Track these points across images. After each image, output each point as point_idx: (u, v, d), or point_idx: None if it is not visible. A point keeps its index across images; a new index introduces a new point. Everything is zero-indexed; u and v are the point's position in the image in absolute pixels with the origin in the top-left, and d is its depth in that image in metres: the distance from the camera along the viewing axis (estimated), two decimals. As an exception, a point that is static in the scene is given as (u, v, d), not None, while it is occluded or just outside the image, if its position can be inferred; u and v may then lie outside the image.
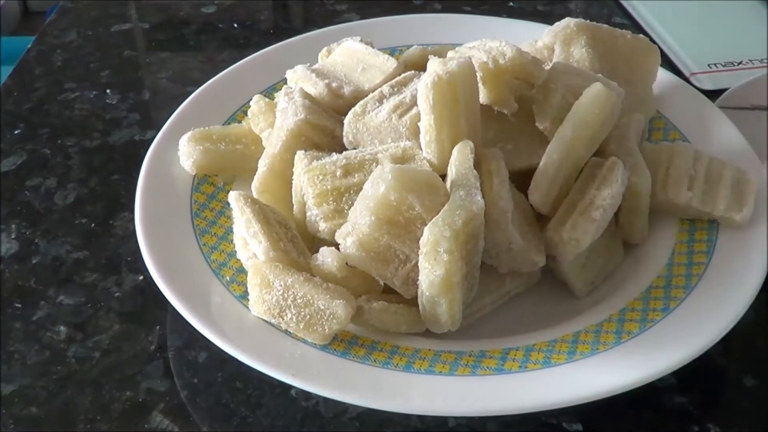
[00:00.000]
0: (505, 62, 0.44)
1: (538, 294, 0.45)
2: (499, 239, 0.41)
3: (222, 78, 0.53)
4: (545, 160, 0.42)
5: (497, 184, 0.41)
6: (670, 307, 0.42)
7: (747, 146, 0.49)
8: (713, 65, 0.62)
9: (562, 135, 0.43)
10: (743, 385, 0.44)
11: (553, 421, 0.42)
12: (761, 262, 0.43)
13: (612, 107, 0.44)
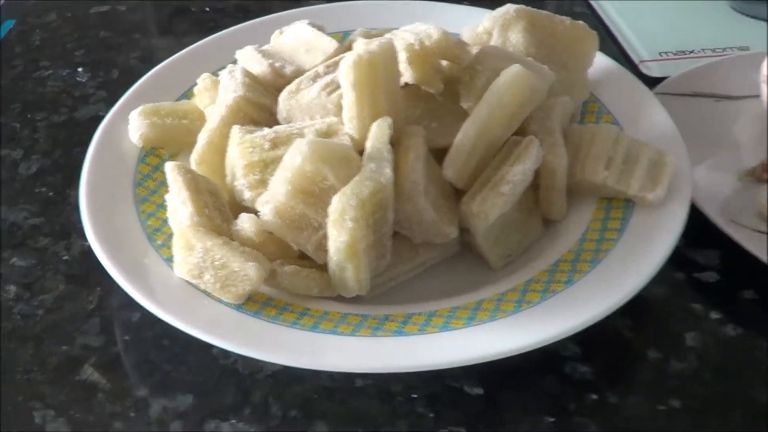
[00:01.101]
0: (431, 44, 0.48)
1: (458, 265, 0.50)
2: (410, 211, 0.46)
3: (178, 58, 0.59)
4: (460, 137, 0.47)
5: (412, 159, 0.46)
6: (574, 280, 0.46)
7: (675, 130, 0.53)
8: (664, 53, 0.66)
9: (477, 114, 0.47)
10: (647, 358, 0.48)
11: (456, 385, 0.46)
12: (668, 241, 0.47)
13: (531, 88, 0.48)
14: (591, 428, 0.45)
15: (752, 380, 0.47)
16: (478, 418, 0.45)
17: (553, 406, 0.46)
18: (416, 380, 0.47)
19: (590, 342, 0.48)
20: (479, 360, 0.42)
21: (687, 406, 0.46)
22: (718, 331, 0.49)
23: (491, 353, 0.42)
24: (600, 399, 0.46)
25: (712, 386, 0.47)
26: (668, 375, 0.47)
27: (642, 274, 0.46)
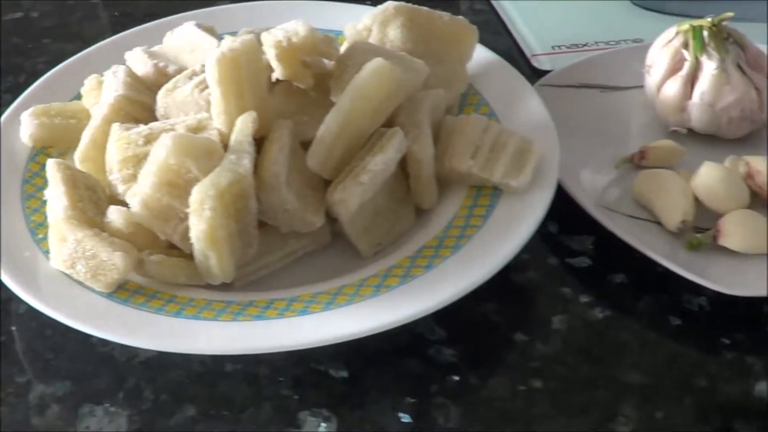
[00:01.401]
0: (297, 41, 0.51)
1: (334, 254, 0.52)
2: (274, 201, 0.48)
3: (74, 60, 0.62)
4: (322, 129, 0.49)
5: (274, 151, 0.49)
6: (434, 265, 0.49)
7: (548, 120, 0.55)
8: (557, 47, 0.68)
9: (339, 106, 0.50)
10: (512, 341, 0.50)
11: (322, 368, 0.49)
12: (528, 226, 0.49)
13: (396, 81, 0.50)
14: (450, 409, 0.47)
15: (616, 361, 0.49)
16: (341, 399, 0.47)
17: (415, 387, 0.48)
18: (283, 364, 0.49)
19: (457, 326, 0.51)
20: (328, 341, 0.45)
21: (548, 387, 0.48)
22: (586, 314, 0.52)
23: (342, 334, 0.45)
24: (461, 380, 0.48)
25: (575, 367, 0.49)
26: (532, 357, 0.49)
27: (498, 258, 0.48)
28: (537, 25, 0.71)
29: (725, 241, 0.52)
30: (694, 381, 0.48)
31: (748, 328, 0.51)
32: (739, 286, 0.51)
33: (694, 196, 0.54)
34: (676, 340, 0.51)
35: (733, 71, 0.57)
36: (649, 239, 0.53)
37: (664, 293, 0.53)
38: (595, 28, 0.70)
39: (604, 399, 0.47)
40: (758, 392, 0.48)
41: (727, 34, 0.58)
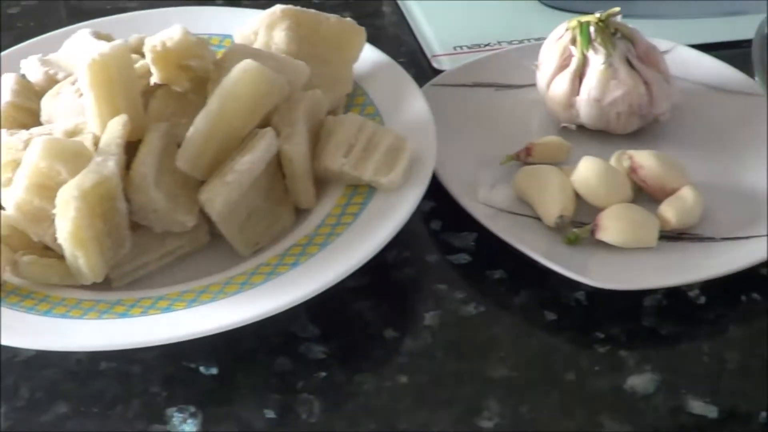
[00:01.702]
0: (172, 45, 0.52)
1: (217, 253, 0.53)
2: (143, 201, 0.50)
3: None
4: (191, 130, 0.51)
5: (143, 153, 0.50)
6: (300, 262, 0.50)
7: (429, 119, 0.56)
8: (459, 47, 0.69)
9: (208, 107, 0.51)
10: (382, 337, 0.51)
11: (192, 366, 0.50)
12: (393, 223, 0.50)
13: (268, 82, 0.52)
14: (314, 404, 0.48)
15: (485, 356, 0.50)
16: (209, 396, 0.49)
17: (282, 384, 0.49)
18: (156, 362, 0.50)
19: (330, 323, 0.52)
20: (181, 338, 0.46)
21: (413, 382, 0.49)
22: (459, 309, 0.52)
23: (195, 332, 0.46)
24: (328, 377, 0.49)
25: (443, 362, 0.50)
26: (400, 353, 0.50)
27: (360, 255, 0.49)
28: (440, 26, 0.72)
29: (602, 235, 0.53)
30: (564, 375, 0.49)
31: (624, 321, 0.52)
32: (615, 280, 0.52)
33: (575, 191, 0.55)
34: (549, 335, 0.51)
35: (620, 66, 0.58)
36: (528, 235, 0.54)
37: (542, 288, 0.53)
38: (500, 28, 0.71)
39: (469, 393, 0.48)
40: (629, 386, 0.49)
41: (615, 29, 0.59)
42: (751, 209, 0.56)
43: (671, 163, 0.56)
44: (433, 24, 0.72)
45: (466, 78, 0.63)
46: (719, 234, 0.55)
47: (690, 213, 0.54)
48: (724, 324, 0.52)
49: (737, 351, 0.51)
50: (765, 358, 0.50)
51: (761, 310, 0.53)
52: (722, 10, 0.73)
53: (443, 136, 0.58)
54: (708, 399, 0.48)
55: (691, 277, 0.52)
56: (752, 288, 0.54)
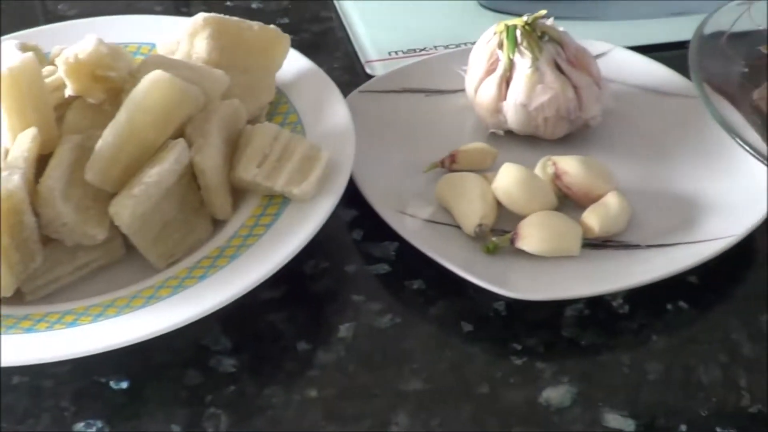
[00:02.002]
0: (84, 56, 0.52)
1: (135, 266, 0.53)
2: (51, 214, 0.50)
3: None
4: (100, 142, 0.50)
5: (52, 166, 0.50)
6: (208, 275, 0.49)
7: (350, 127, 0.55)
8: (393, 53, 0.68)
9: (116, 119, 0.51)
10: (295, 350, 0.50)
11: (103, 380, 0.49)
12: (303, 234, 0.50)
13: (178, 93, 0.51)
14: (222, 418, 0.47)
15: (397, 368, 0.49)
16: (118, 411, 0.48)
17: (191, 398, 0.48)
18: (67, 376, 0.50)
19: (243, 336, 0.51)
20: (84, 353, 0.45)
21: (322, 396, 0.48)
22: (375, 321, 0.52)
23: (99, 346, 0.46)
24: (237, 390, 0.49)
25: (354, 375, 0.49)
26: (311, 366, 0.50)
27: (267, 267, 0.48)
28: (377, 31, 0.71)
29: (522, 244, 0.52)
30: (477, 388, 0.48)
31: (543, 332, 0.51)
32: (534, 290, 0.51)
33: (496, 199, 0.54)
34: (465, 346, 0.51)
35: (547, 70, 0.57)
36: (448, 245, 0.53)
37: (461, 298, 0.52)
38: (438, 32, 0.70)
39: (379, 407, 0.48)
40: (544, 399, 0.48)
41: (543, 32, 0.58)
42: (680, 215, 0.55)
43: (597, 168, 0.55)
44: (371, 29, 0.71)
45: (395, 84, 0.62)
46: (645, 241, 0.54)
47: (614, 220, 0.53)
48: (646, 334, 0.51)
49: (659, 362, 0.50)
50: (688, 369, 0.49)
51: (687, 319, 0.52)
52: (667, 11, 0.72)
53: (369, 143, 0.58)
54: (625, 412, 0.47)
55: (614, 285, 0.51)
56: (678, 296, 0.53)
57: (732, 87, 0.60)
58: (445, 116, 0.62)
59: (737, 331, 0.51)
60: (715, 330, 0.51)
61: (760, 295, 0.53)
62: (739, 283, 0.54)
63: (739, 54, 0.62)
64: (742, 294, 0.53)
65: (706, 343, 0.51)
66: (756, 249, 0.56)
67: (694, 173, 0.57)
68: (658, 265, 0.52)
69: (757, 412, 0.48)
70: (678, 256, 0.52)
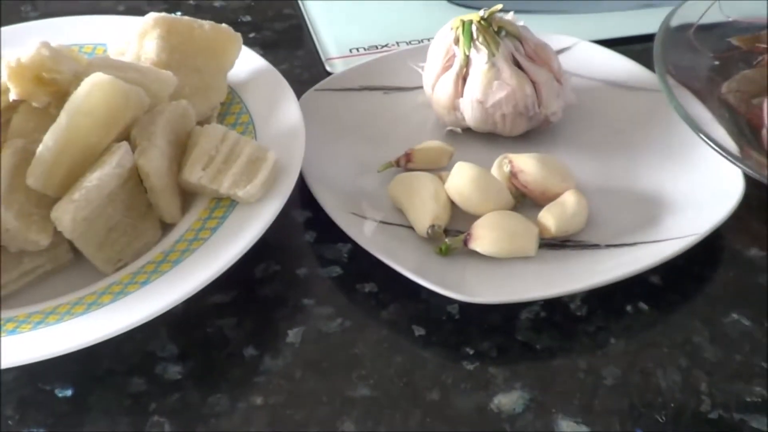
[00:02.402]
0: (26, 60, 0.51)
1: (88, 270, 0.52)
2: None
3: None
4: (41, 147, 0.49)
5: (-8, 172, 0.49)
6: (151, 280, 0.48)
7: (301, 127, 0.54)
8: (355, 50, 0.66)
9: (57, 123, 0.50)
10: (241, 356, 0.49)
11: (48, 388, 0.49)
12: (247, 237, 0.49)
13: (121, 95, 0.50)
14: (165, 427, 0.46)
15: (345, 374, 0.48)
16: (60, 419, 0.47)
17: (134, 406, 0.47)
18: (12, 384, 0.49)
19: (190, 342, 0.50)
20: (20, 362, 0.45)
21: (268, 403, 0.47)
22: (324, 325, 0.51)
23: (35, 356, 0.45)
24: (181, 398, 0.48)
25: (301, 381, 0.48)
26: (258, 372, 0.49)
27: (209, 272, 0.47)
28: (339, 28, 0.70)
29: (476, 245, 0.51)
30: (427, 394, 0.47)
31: (497, 336, 0.50)
32: (487, 293, 0.50)
33: (449, 199, 0.53)
34: (416, 351, 0.49)
35: (504, 66, 0.56)
36: (400, 247, 0.52)
37: (414, 301, 0.51)
38: (402, 28, 0.69)
39: (325, 414, 0.46)
40: (495, 405, 0.47)
41: (499, 27, 0.56)
42: (642, 213, 0.54)
43: (555, 166, 0.54)
44: (333, 26, 0.70)
45: (353, 82, 0.61)
46: (605, 241, 0.52)
47: (572, 219, 0.52)
48: (604, 337, 0.50)
49: (616, 366, 0.48)
50: (646, 373, 0.48)
51: (647, 321, 0.51)
52: (636, 3, 0.70)
53: (324, 143, 0.57)
54: (579, 418, 0.46)
55: (571, 287, 0.49)
56: (639, 297, 0.51)
57: (700, 81, 0.59)
58: (404, 114, 0.60)
59: (699, 334, 0.50)
60: (676, 332, 0.50)
61: (724, 296, 0.52)
62: (703, 283, 0.53)
63: (708, 47, 0.61)
64: (705, 295, 0.52)
65: (666, 347, 0.49)
66: (721, 248, 0.54)
67: (658, 170, 0.56)
68: (617, 266, 0.50)
69: (718, 417, 0.46)
70: (638, 256, 0.51)
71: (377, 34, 0.69)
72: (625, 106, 0.60)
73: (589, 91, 0.61)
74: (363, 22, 0.71)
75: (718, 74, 0.60)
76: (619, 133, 0.59)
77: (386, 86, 0.61)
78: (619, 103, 0.60)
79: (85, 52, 0.63)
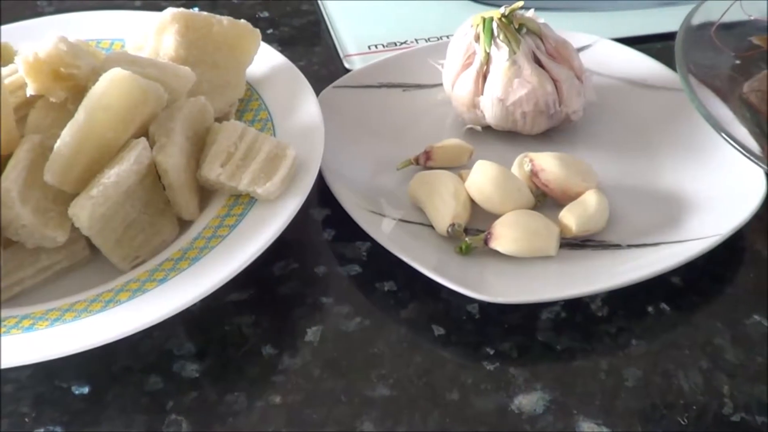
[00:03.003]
0: (43, 55, 0.51)
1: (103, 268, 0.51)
2: (9, 216, 0.49)
3: None
4: (59, 142, 0.49)
5: (9, 167, 0.49)
6: (169, 278, 0.48)
7: (320, 124, 0.54)
8: (373, 47, 0.66)
9: (75, 119, 0.49)
10: (260, 354, 0.49)
11: (64, 385, 0.48)
12: (266, 236, 0.48)
13: (139, 90, 0.50)
14: (182, 425, 0.46)
15: (364, 374, 0.48)
16: (77, 416, 0.47)
17: (152, 404, 0.47)
18: (28, 381, 0.49)
19: (208, 340, 0.50)
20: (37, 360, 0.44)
21: (286, 402, 0.47)
22: (343, 324, 0.50)
23: (53, 353, 0.44)
24: (199, 396, 0.47)
25: (319, 381, 0.48)
26: (276, 371, 0.48)
27: (227, 270, 0.47)
28: (357, 25, 0.69)
29: (496, 244, 0.50)
30: (446, 394, 0.47)
31: (518, 336, 0.49)
32: (507, 293, 0.49)
33: (470, 197, 0.52)
34: (436, 351, 0.49)
35: (525, 63, 0.55)
36: (420, 245, 0.51)
37: (434, 300, 0.51)
38: (421, 25, 0.68)
39: (344, 414, 0.46)
40: (516, 406, 0.46)
41: (520, 25, 0.56)
42: (664, 213, 0.53)
43: (576, 165, 0.53)
44: (351, 22, 0.70)
45: (371, 79, 0.60)
46: (626, 241, 0.52)
47: (592, 219, 0.51)
48: (626, 338, 0.49)
49: (638, 367, 0.48)
50: (667, 375, 0.47)
51: (668, 323, 0.50)
52: (656, 3, 0.70)
53: (343, 141, 0.57)
54: (600, 420, 0.46)
55: (592, 288, 0.49)
56: (660, 298, 0.51)
57: (721, 80, 0.59)
58: (423, 112, 0.60)
59: (721, 335, 0.49)
60: (697, 334, 0.50)
61: (745, 297, 0.51)
62: (725, 284, 0.52)
63: (730, 45, 0.60)
64: (727, 296, 0.52)
65: (687, 348, 0.49)
66: (742, 248, 0.54)
67: (680, 170, 0.55)
68: (638, 266, 0.50)
69: (740, 420, 0.46)
70: (660, 257, 0.50)
71: (396, 30, 0.68)
72: (646, 105, 0.60)
73: (610, 89, 0.61)
74: (381, 18, 0.70)
75: (740, 73, 0.59)
76: (640, 132, 0.58)
77: (405, 83, 0.61)
78: (640, 101, 0.60)
79: (102, 48, 0.62)
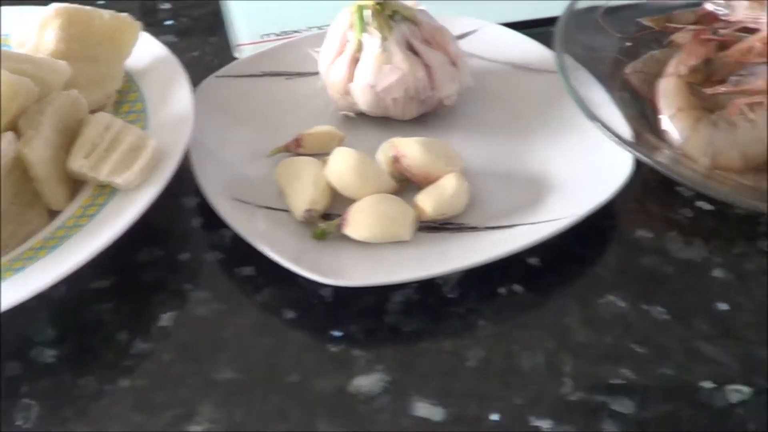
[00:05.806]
0: None
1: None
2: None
3: None
4: None
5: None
6: (26, 267, 0.50)
7: (189, 114, 0.55)
8: (266, 36, 0.67)
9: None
10: (115, 340, 0.51)
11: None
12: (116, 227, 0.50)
13: (9, 86, 0.52)
14: (33, 410, 0.48)
15: (211, 358, 0.49)
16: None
17: (7, 390, 0.48)
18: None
19: (68, 326, 0.52)
20: None
21: (134, 386, 0.48)
22: (198, 309, 0.52)
23: None
24: (53, 381, 0.49)
25: (168, 365, 0.49)
26: (128, 355, 0.50)
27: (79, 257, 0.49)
28: (253, 13, 0.70)
29: (349, 230, 0.51)
30: (287, 377, 0.48)
31: (366, 319, 0.50)
32: (356, 275, 0.50)
33: (330, 184, 0.53)
34: (284, 334, 0.50)
35: (396, 50, 0.56)
36: (278, 231, 0.53)
37: (289, 285, 0.52)
38: (317, 13, 0.69)
39: (187, 397, 0.48)
40: (354, 387, 0.47)
41: (393, 12, 0.57)
42: (527, 196, 0.54)
43: (439, 150, 0.54)
44: (247, 12, 0.71)
45: (255, 68, 0.62)
46: (485, 223, 0.52)
47: (450, 202, 0.52)
48: (473, 319, 0.50)
49: (481, 348, 0.49)
50: (511, 355, 0.48)
51: (520, 304, 0.51)
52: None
53: (220, 130, 0.58)
54: (435, 400, 0.46)
55: (441, 269, 0.50)
56: (515, 280, 0.51)
57: (606, 63, 0.59)
58: (303, 100, 0.61)
59: (571, 315, 0.50)
60: (548, 314, 0.50)
61: (605, 277, 0.52)
62: (584, 265, 0.52)
63: (617, 28, 0.60)
64: (584, 276, 0.52)
65: (535, 329, 0.49)
66: (611, 229, 0.54)
67: (550, 153, 0.56)
68: (491, 246, 0.50)
69: (578, 399, 0.46)
70: (515, 237, 0.51)
71: (289, 19, 0.69)
72: (527, 89, 0.60)
73: (493, 74, 0.61)
74: (277, 7, 0.71)
75: (628, 56, 0.59)
76: (517, 116, 0.59)
77: (288, 72, 0.62)
78: (522, 85, 0.60)
79: (2, 43, 0.65)
